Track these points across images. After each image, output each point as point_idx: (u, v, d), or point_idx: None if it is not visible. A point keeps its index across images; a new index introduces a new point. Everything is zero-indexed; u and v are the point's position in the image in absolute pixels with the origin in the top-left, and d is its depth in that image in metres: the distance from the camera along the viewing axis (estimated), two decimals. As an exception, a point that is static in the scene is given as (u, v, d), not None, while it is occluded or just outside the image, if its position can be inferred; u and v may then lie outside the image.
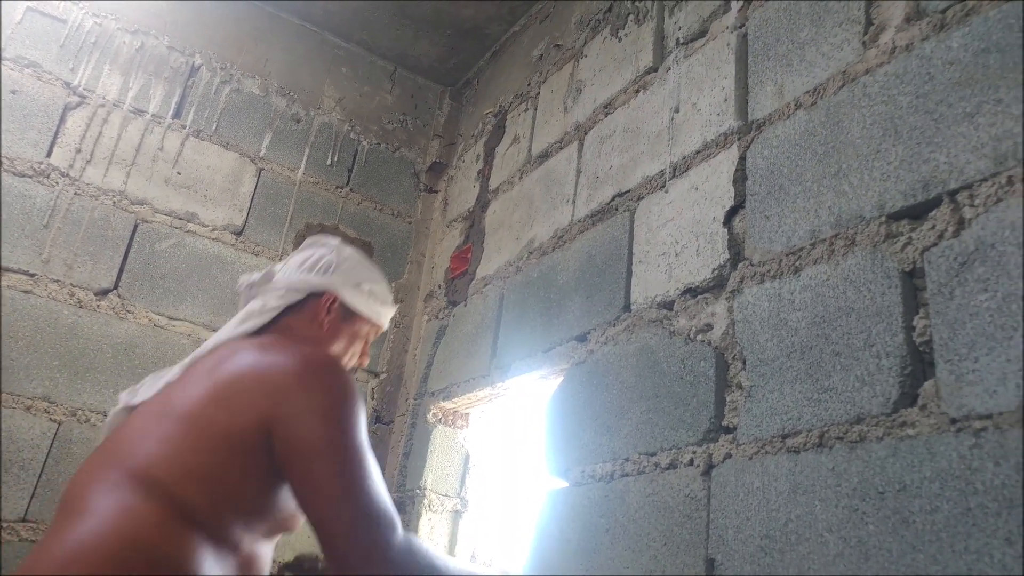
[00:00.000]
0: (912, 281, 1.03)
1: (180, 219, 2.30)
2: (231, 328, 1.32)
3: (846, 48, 1.23)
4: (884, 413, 0.99)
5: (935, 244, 1.00)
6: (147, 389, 1.27)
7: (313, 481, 1.07)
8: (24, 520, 1.91)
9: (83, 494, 1.08)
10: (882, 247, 1.07)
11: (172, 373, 1.27)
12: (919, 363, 0.98)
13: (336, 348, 1.39)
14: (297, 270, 1.39)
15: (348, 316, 1.39)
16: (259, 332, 1.33)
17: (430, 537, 2.05)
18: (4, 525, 1.89)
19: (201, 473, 1.09)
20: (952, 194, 1.00)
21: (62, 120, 2.20)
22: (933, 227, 1.01)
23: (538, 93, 2.21)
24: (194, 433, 1.11)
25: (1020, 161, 0.92)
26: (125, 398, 1.28)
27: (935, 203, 1.02)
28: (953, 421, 0.91)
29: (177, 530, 1.05)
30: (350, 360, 1.42)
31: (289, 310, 1.35)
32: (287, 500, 1.15)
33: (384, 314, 1.44)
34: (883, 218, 1.08)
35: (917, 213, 1.04)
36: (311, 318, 1.36)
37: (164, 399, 1.19)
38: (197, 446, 1.10)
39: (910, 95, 1.09)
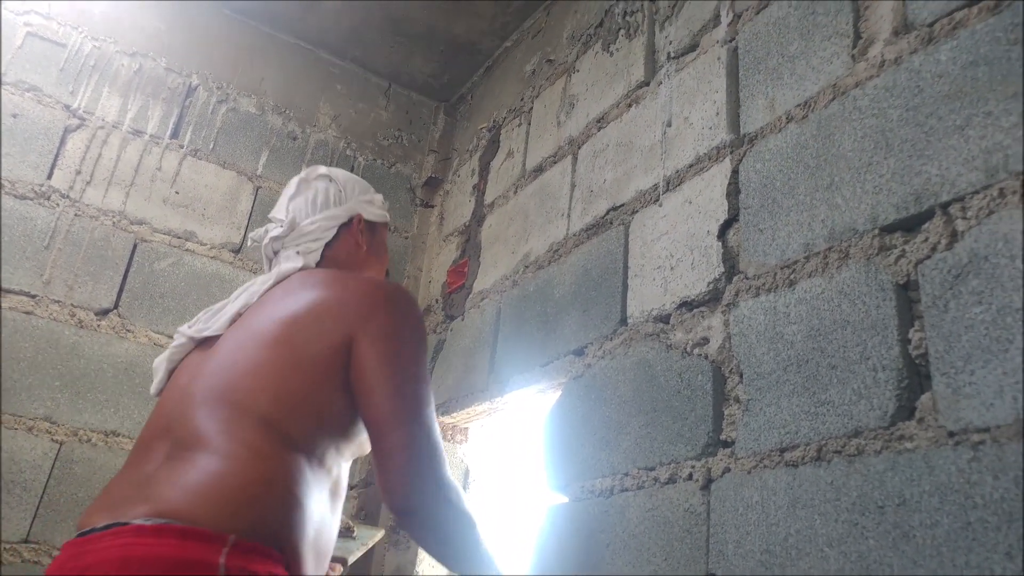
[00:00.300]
0: (907, 294, 1.03)
1: (179, 238, 2.31)
2: (286, 273, 1.38)
3: (836, 62, 1.24)
4: (882, 426, 0.99)
5: (929, 257, 1.01)
6: (211, 323, 1.34)
7: (378, 397, 1.15)
8: (26, 541, 1.91)
9: (197, 429, 1.12)
10: (876, 260, 1.07)
11: (234, 305, 1.33)
12: (916, 376, 0.98)
13: (380, 260, 1.53)
14: (314, 209, 1.47)
15: (372, 229, 1.52)
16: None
17: (432, 553, 2.04)
18: (6, 546, 1.89)
19: (300, 401, 1.15)
20: (944, 206, 1.00)
21: (62, 142, 2.22)
22: (926, 240, 1.02)
23: (531, 108, 2.22)
24: (288, 360, 1.18)
25: (1012, 173, 0.93)
26: (189, 331, 1.33)
27: (928, 215, 1.02)
28: (951, 434, 0.91)
29: (298, 466, 1.12)
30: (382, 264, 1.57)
31: (327, 245, 1.45)
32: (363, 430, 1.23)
33: (387, 211, 1.56)
34: (876, 231, 1.08)
35: (910, 226, 1.05)
36: (350, 244, 1.47)
37: (246, 329, 1.25)
38: (292, 373, 1.17)
39: (900, 108, 1.10)
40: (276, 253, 1.46)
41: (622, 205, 1.66)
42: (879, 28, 1.18)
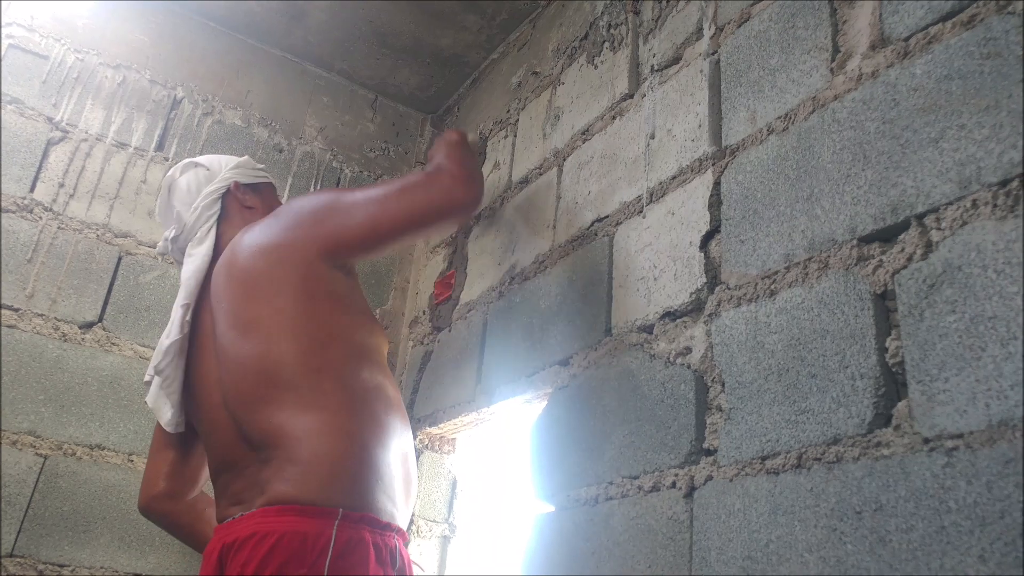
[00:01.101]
0: (884, 303, 1.05)
1: (164, 250, 2.30)
2: (197, 263, 1.48)
3: (815, 74, 1.26)
4: (860, 434, 1.01)
5: (905, 267, 1.03)
6: (178, 327, 1.44)
7: (364, 206, 1.38)
8: (12, 555, 1.89)
9: (271, 425, 1.24)
10: (854, 270, 1.09)
11: (179, 311, 1.43)
12: (892, 384, 1.00)
13: None
14: (193, 196, 1.56)
15: (257, 191, 1.61)
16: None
17: (418, 564, 2.04)
18: (-9, 562, 1.87)
19: (318, 331, 1.29)
20: (920, 217, 1.02)
21: (45, 155, 2.21)
22: (903, 250, 1.04)
23: (517, 120, 2.24)
24: (285, 312, 1.30)
25: (984, 185, 0.95)
26: (173, 342, 1.43)
27: (904, 226, 1.04)
28: (926, 441, 0.93)
29: (366, 396, 1.28)
30: None
31: (220, 221, 1.55)
32: (372, 323, 1.39)
33: (263, 171, 1.66)
34: (855, 241, 1.10)
35: (887, 236, 1.07)
36: (239, 209, 1.56)
37: (229, 323, 1.35)
38: (297, 318, 1.30)
39: (877, 121, 1.12)
40: (184, 253, 1.55)
41: (606, 216, 1.68)
42: (857, 42, 1.20)
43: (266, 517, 1.17)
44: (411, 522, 2.08)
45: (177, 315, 1.43)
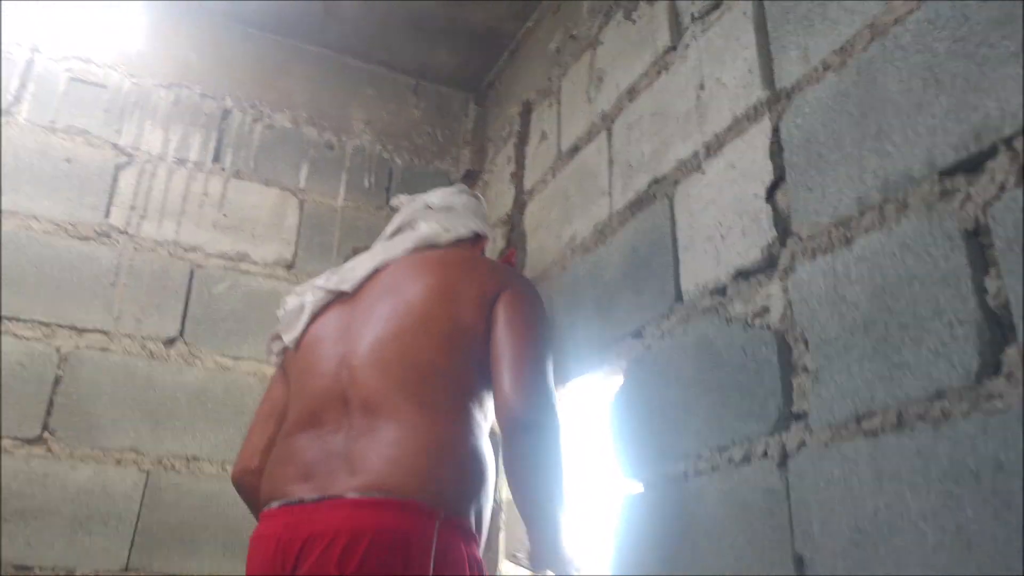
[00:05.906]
0: (977, 240, 0.95)
1: (232, 260, 2.35)
2: (400, 248, 1.60)
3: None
4: (966, 386, 0.92)
5: (997, 197, 0.93)
6: (346, 278, 1.54)
7: (505, 351, 1.37)
8: (126, 570, 1.98)
9: (383, 396, 1.28)
10: (938, 207, 1.00)
11: (370, 263, 1.54)
12: (998, 328, 0.91)
13: None
14: (468, 214, 1.72)
15: (475, 244, 1.75)
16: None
17: (508, 542, 2.04)
18: (109, 578, 1.97)
19: (462, 353, 1.35)
20: (1008, 141, 0.92)
21: (115, 180, 2.27)
22: (992, 179, 0.94)
23: (560, 87, 2.16)
24: (447, 324, 1.36)
25: (1080, 97, 0.84)
26: (327, 284, 1.56)
27: (991, 153, 0.94)
28: (1042, 389, 0.84)
29: (477, 421, 1.32)
30: None
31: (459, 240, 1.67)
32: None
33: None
34: (935, 175, 1.01)
35: (972, 166, 0.97)
36: (470, 250, 1.68)
37: (398, 295, 1.45)
38: (453, 333, 1.36)
39: (947, 40, 1.01)
40: (412, 222, 1.67)
41: (663, 176, 1.60)
42: (916, -44, 1.09)
43: (359, 511, 1.10)
44: (499, 508, 2.07)
45: (361, 269, 1.55)
